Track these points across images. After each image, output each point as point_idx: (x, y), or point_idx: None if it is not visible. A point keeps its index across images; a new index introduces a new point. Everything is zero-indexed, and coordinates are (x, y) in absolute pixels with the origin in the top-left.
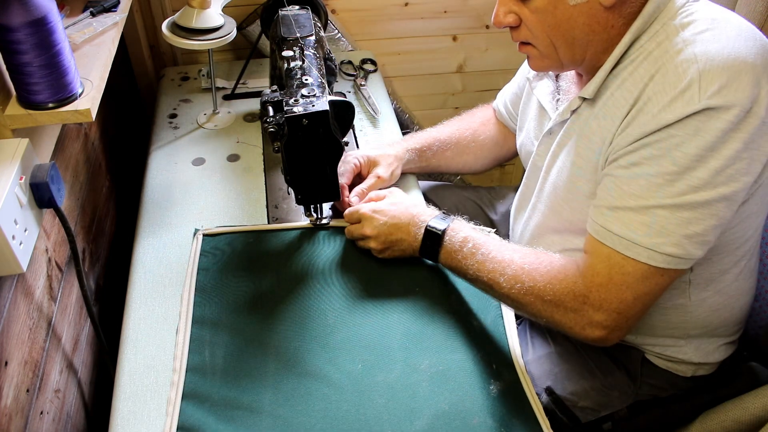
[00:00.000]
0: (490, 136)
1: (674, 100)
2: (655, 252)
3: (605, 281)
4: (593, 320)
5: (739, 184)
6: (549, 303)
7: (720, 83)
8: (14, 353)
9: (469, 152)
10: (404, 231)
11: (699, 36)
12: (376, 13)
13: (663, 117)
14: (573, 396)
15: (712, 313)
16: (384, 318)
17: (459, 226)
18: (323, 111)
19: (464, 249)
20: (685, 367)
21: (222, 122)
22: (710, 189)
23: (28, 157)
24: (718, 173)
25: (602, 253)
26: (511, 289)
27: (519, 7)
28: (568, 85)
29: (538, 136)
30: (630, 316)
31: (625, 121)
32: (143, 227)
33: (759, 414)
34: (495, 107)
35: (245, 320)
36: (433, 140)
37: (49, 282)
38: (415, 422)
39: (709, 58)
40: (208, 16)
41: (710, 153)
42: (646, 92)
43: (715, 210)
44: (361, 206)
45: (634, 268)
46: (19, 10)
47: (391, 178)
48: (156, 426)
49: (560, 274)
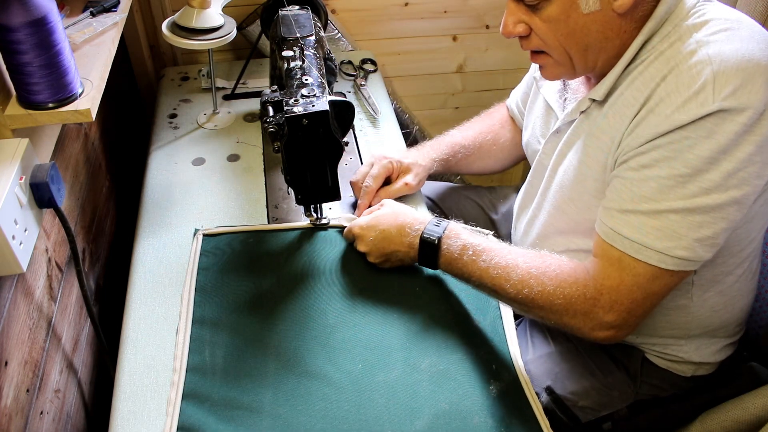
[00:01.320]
0: (509, 137)
1: (688, 101)
2: (666, 255)
3: (616, 284)
4: (603, 321)
5: (750, 188)
6: (558, 307)
7: (734, 85)
8: (14, 353)
9: (491, 155)
10: (396, 242)
11: (713, 37)
12: (376, 13)
13: (676, 118)
14: (573, 395)
15: (714, 313)
16: (384, 318)
17: (455, 232)
18: (323, 111)
19: (464, 257)
20: (686, 366)
21: (222, 122)
22: (722, 192)
23: (28, 157)
24: (731, 176)
25: (612, 256)
26: (518, 294)
27: (529, 16)
28: (576, 84)
29: (544, 134)
30: (639, 315)
31: (635, 121)
32: (143, 227)
33: (759, 414)
34: (509, 106)
35: (245, 320)
36: (459, 148)
37: (49, 282)
38: (415, 422)
39: (724, 59)
40: (208, 16)
41: (723, 155)
42: (658, 92)
43: (726, 213)
44: (354, 224)
45: (645, 269)
46: (19, 10)
47: (416, 187)
48: (156, 426)
49: (570, 278)
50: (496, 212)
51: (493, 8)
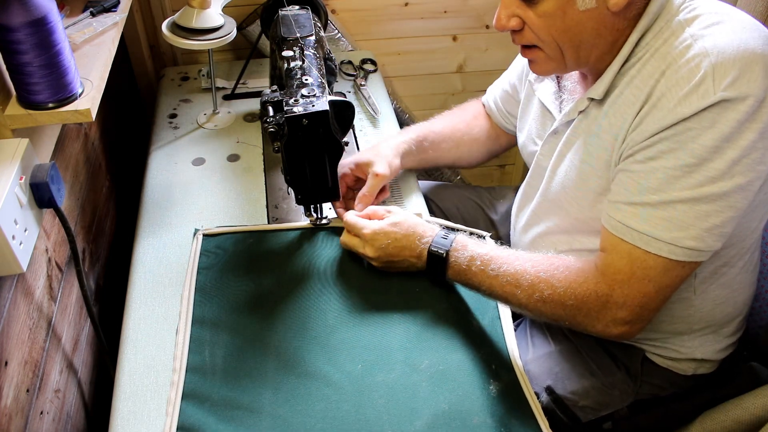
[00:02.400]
0: (483, 130)
1: (689, 94)
2: (676, 246)
3: (627, 278)
4: (617, 318)
5: (754, 174)
6: (571, 307)
7: (733, 75)
8: (14, 353)
9: (464, 145)
10: (407, 252)
11: (706, 30)
12: (376, 13)
13: (679, 111)
14: (573, 395)
15: (716, 306)
16: (384, 318)
17: (462, 244)
18: (323, 111)
19: (472, 268)
20: (686, 365)
21: (222, 122)
22: (727, 179)
23: (28, 157)
24: (735, 164)
25: (622, 249)
26: (529, 300)
27: (524, 10)
28: (572, 85)
29: (541, 135)
30: (652, 309)
31: (638, 118)
32: (143, 227)
33: (759, 414)
34: (485, 102)
35: (245, 320)
36: (428, 131)
37: (49, 282)
38: (415, 422)
39: (720, 50)
40: (208, 16)
41: (727, 144)
42: (658, 88)
43: (733, 201)
44: (363, 225)
45: (656, 262)
46: (19, 10)
47: (391, 172)
48: (156, 426)
49: (579, 277)
50: (495, 212)
51: (493, 8)
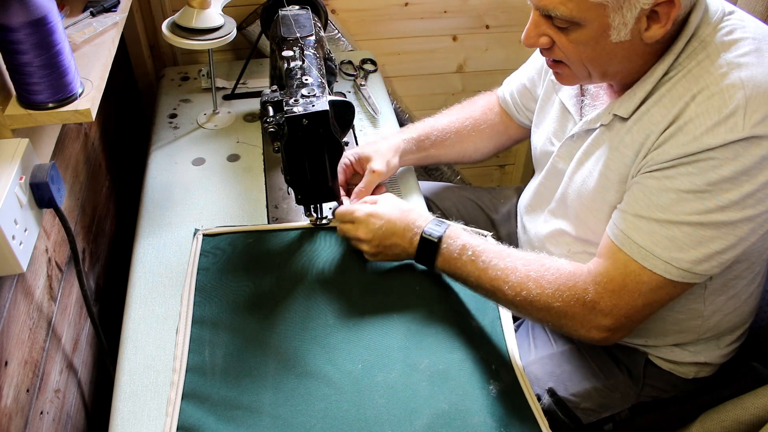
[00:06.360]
0: (491, 124)
1: (718, 124)
2: (672, 266)
3: (618, 288)
4: (600, 324)
5: (765, 207)
6: (557, 310)
7: (765, 112)
8: (14, 353)
9: (469, 141)
10: (399, 236)
11: (744, 59)
12: (376, 13)
13: (705, 140)
14: (575, 397)
15: (724, 317)
16: (384, 318)
17: (456, 233)
18: (323, 111)
19: (463, 257)
20: (688, 368)
21: (222, 122)
22: (737, 210)
23: (28, 157)
24: (749, 197)
25: (619, 259)
26: (516, 297)
27: (555, 32)
28: (596, 89)
29: (559, 137)
30: (636, 320)
31: (662, 137)
32: (143, 227)
33: (759, 414)
34: (500, 95)
35: (245, 320)
36: (431, 129)
37: (49, 282)
38: (415, 422)
39: (756, 84)
40: (208, 16)
41: (745, 177)
42: (687, 112)
43: (739, 231)
44: (356, 208)
45: (650, 277)
46: (19, 10)
47: (388, 170)
48: (156, 426)
49: (569, 281)
50: (496, 212)
51: (493, 8)
